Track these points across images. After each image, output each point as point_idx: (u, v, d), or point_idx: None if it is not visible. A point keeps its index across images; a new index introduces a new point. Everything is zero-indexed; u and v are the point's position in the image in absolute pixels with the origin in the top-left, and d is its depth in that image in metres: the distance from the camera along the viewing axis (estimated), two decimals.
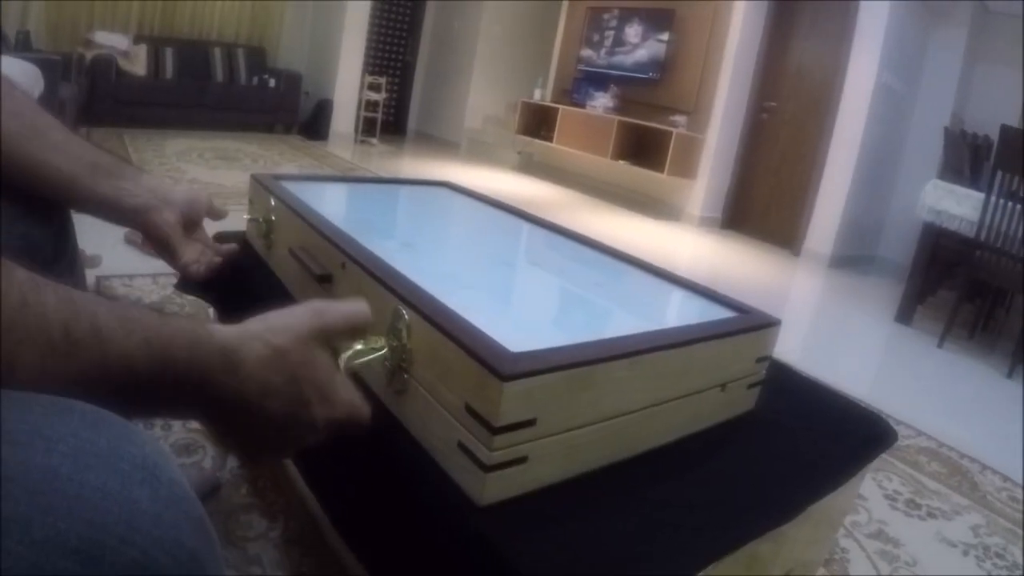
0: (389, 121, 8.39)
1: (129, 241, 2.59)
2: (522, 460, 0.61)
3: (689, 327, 0.82)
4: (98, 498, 0.39)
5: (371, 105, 7.47)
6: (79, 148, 0.77)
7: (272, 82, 6.71)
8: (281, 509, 1.27)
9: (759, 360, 0.89)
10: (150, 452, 0.44)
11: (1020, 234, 3.12)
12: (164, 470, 0.43)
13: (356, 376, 0.63)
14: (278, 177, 1.24)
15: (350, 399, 0.56)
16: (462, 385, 0.62)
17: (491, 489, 0.60)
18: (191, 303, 2.10)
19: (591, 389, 0.66)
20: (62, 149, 0.74)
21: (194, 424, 1.48)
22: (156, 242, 0.88)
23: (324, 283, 0.91)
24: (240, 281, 1.09)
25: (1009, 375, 3.17)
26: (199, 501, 0.46)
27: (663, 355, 0.73)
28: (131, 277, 2.25)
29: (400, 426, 0.70)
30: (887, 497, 1.77)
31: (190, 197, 0.90)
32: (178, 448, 1.40)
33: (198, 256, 0.89)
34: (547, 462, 0.63)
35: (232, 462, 1.38)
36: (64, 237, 0.96)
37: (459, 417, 0.62)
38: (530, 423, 0.61)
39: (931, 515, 1.73)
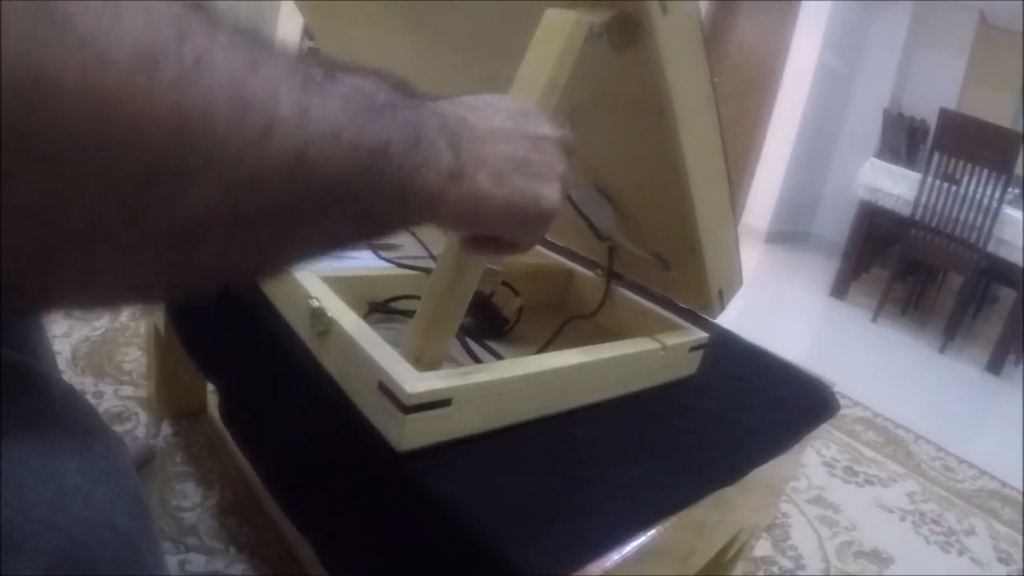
0: None
1: None
2: (446, 403, 0.56)
3: None
4: (16, 471, 0.31)
5: None
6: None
7: None
8: (217, 477, 1.23)
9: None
10: (82, 413, 0.37)
11: (954, 214, 3.21)
12: (98, 436, 0.37)
13: None
14: None
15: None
16: None
17: (411, 433, 0.55)
18: None
19: None
20: None
21: (126, 391, 1.42)
22: None
23: None
24: None
25: (942, 351, 3.27)
26: (135, 473, 0.40)
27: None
28: None
29: (323, 371, 0.65)
30: (825, 464, 1.80)
31: None
32: (110, 417, 1.34)
33: None
34: (473, 408, 0.58)
35: (166, 430, 1.33)
36: None
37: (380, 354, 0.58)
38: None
39: (868, 482, 1.77)
